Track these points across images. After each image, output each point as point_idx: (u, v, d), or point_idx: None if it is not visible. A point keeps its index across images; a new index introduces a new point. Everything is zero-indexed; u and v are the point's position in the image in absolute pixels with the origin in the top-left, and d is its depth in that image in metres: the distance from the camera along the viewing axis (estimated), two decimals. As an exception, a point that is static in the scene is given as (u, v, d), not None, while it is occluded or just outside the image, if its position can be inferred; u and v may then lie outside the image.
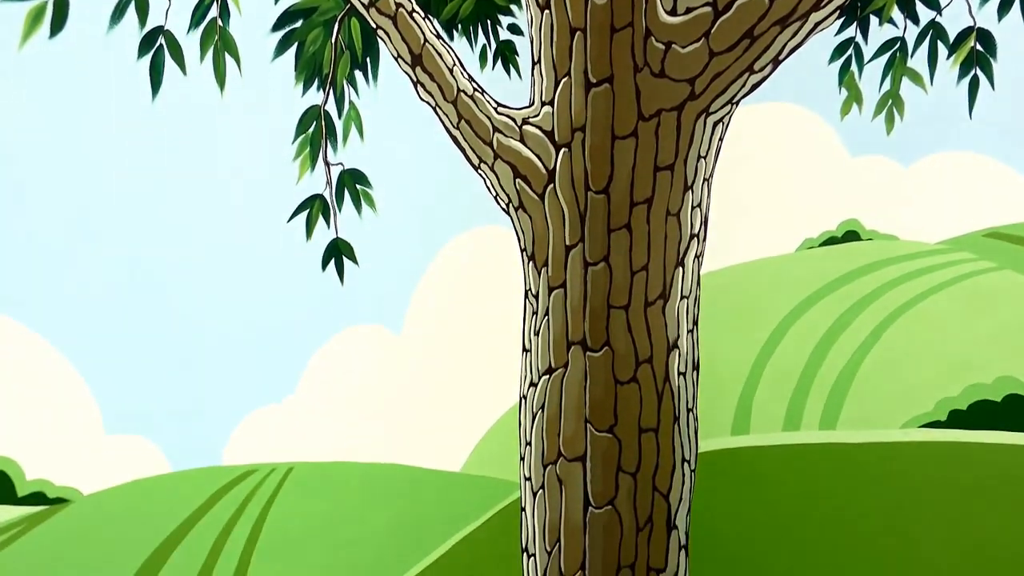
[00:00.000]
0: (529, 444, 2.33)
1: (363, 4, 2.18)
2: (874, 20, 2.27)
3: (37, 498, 2.35)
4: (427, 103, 2.15)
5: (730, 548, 2.45)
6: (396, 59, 2.16)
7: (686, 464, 2.34)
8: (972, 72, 2.18)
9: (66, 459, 2.33)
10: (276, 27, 2.20)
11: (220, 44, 2.18)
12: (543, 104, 2.21)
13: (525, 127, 2.24)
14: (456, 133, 2.20)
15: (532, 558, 2.35)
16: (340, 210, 2.33)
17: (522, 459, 2.33)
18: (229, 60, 2.25)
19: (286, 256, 2.33)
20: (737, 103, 2.18)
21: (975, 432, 2.24)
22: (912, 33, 2.31)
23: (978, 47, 2.23)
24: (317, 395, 2.39)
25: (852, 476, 2.34)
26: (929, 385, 2.29)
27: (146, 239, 2.29)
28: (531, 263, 2.30)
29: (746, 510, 2.42)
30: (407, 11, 2.15)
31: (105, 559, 2.31)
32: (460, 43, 2.34)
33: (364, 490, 2.40)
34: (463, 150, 2.23)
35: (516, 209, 2.25)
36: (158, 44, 2.10)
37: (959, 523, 2.24)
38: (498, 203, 2.27)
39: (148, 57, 2.13)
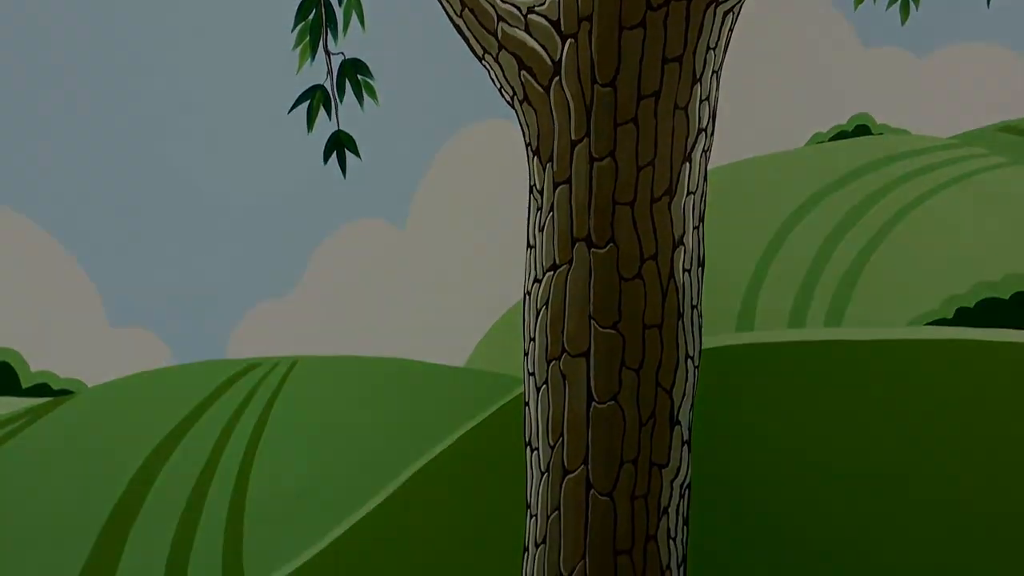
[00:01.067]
0: (533, 340, 2.33)
1: None
2: None
3: (41, 390, 2.39)
4: None
5: (732, 444, 2.49)
6: None
7: (689, 360, 2.34)
8: None
9: (70, 351, 2.37)
10: None
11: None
12: None
13: (530, 16, 2.21)
14: (459, 22, 2.18)
15: (535, 452, 2.36)
16: (341, 101, 2.27)
17: (526, 354, 2.34)
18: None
19: (287, 149, 2.33)
20: None
21: (982, 330, 2.26)
22: None
23: None
24: (320, 289, 2.41)
25: (856, 374, 2.36)
26: (936, 283, 2.30)
27: (148, 134, 2.29)
28: (536, 158, 2.28)
29: (749, 407, 2.45)
30: None
31: (110, 451, 2.37)
32: None
33: (367, 384, 2.44)
34: (467, 40, 2.21)
35: (521, 102, 2.23)
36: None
37: (964, 422, 2.28)
38: (502, 96, 2.25)
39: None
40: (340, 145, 2.25)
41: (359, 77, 2.24)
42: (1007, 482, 2.22)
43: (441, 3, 2.23)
